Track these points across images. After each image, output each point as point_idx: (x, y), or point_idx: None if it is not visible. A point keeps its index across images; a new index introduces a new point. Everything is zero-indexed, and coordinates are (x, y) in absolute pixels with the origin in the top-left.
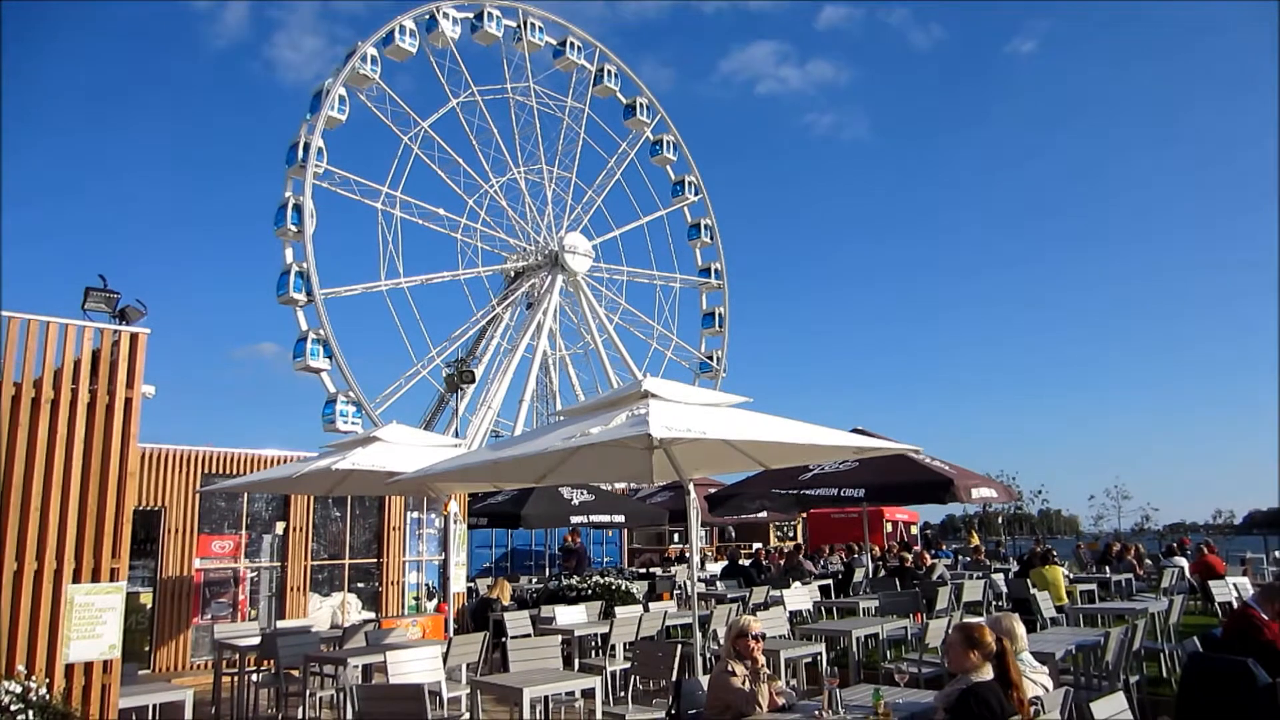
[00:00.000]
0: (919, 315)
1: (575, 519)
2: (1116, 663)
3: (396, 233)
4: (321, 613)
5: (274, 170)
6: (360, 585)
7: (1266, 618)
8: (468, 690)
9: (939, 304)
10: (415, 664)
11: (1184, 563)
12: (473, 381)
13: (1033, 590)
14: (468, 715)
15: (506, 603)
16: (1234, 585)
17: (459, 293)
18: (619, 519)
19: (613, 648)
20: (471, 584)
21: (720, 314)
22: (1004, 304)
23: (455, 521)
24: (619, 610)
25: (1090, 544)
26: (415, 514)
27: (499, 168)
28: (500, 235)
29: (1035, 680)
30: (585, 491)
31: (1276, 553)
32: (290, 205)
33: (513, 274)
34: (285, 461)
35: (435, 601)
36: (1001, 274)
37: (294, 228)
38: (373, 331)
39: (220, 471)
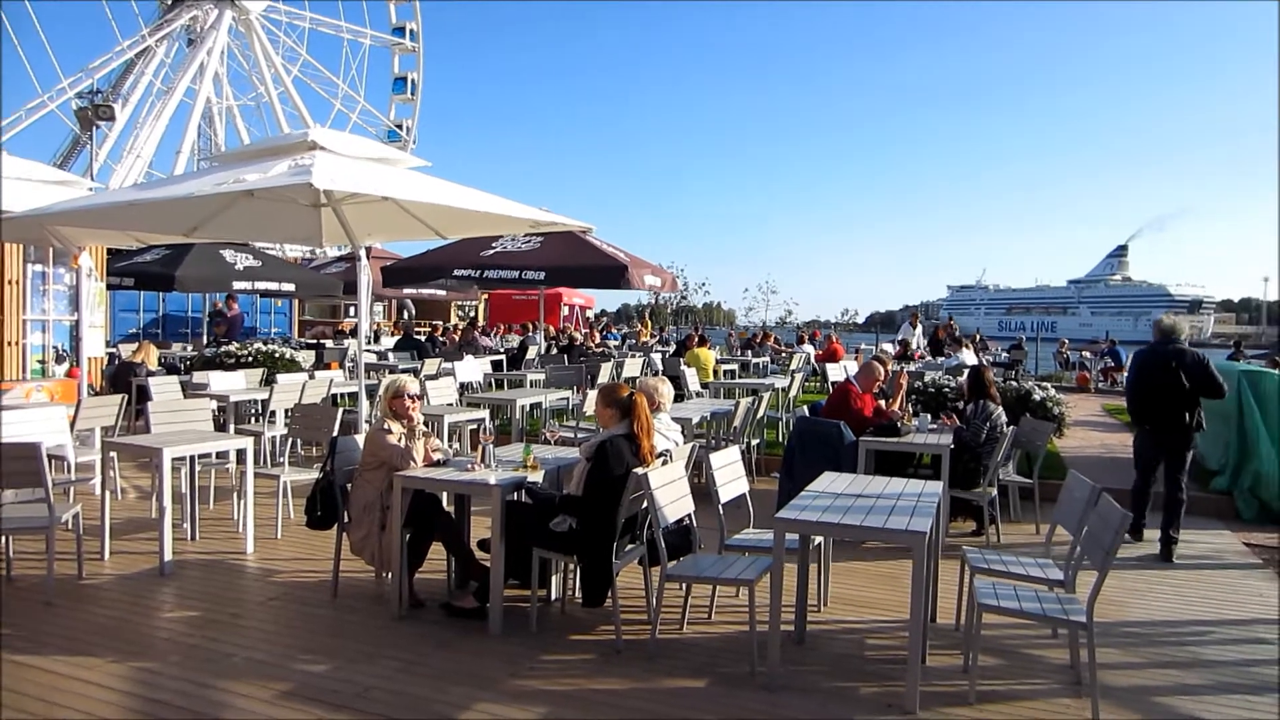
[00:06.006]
0: (618, 99)
1: (239, 285)
2: (742, 427)
3: None
4: None
5: None
6: None
7: (860, 389)
8: (101, 454)
9: (639, 91)
10: (33, 425)
11: (811, 349)
12: (111, 118)
13: (684, 368)
14: (99, 479)
15: (153, 368)
16: (844, 367)
17: (100, 16)
18: (289, 288)
19: (272, 414)
20: (113, 349)
21: (413, 80)
22: (694, 110)
23: (89, 277)
24: (281, 377)
25: (741, 333)
26: (39, 267)
27: None
28: None
29: (668, 436)
30: (251, 256)
31: (884, 345)
32: None
33: (169, 1)
34: None
35: (66, 366)
36: (697, 75)
37: None
38: None
39: None
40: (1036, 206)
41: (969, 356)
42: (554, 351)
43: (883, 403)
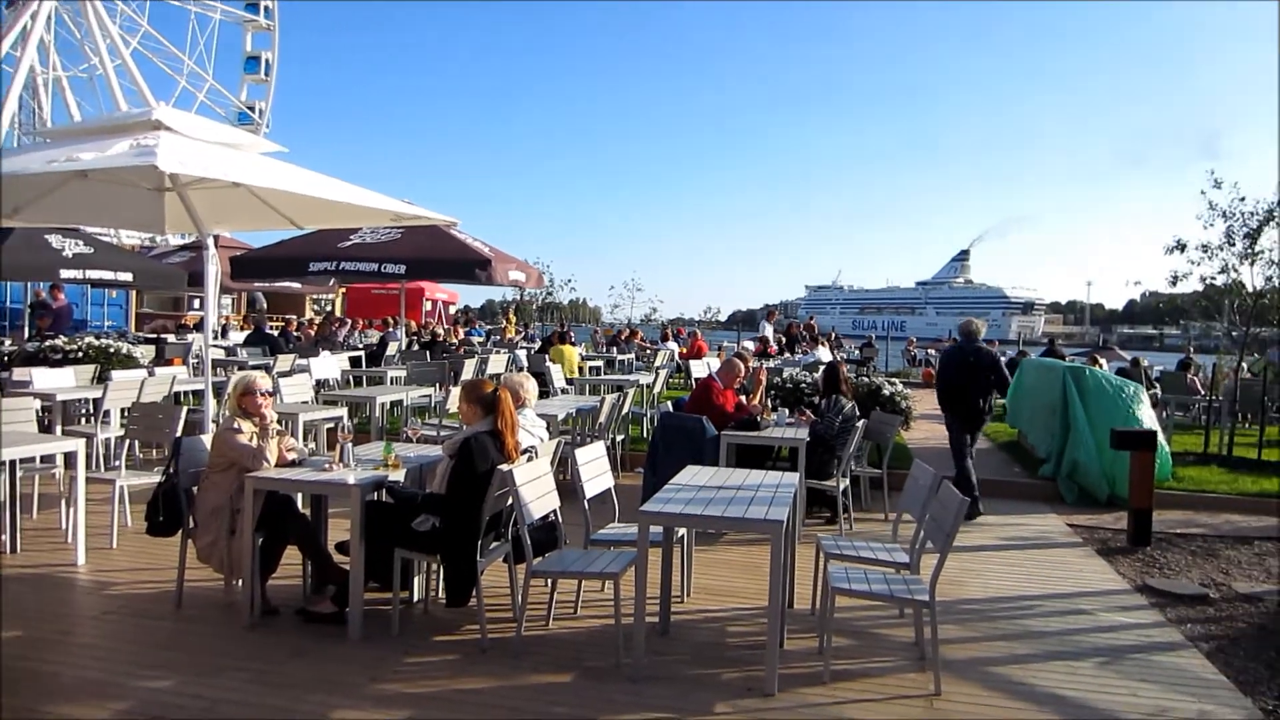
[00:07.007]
0: (488, 94)
1: (67, 273)
2: (607, 423)
3: None
4: None
5: None
6: None
7: (722, 385)
8: None
9: (509, 87)
10: None
11: (675, 346)
12: None
13: (549, 364)
14: None
15: None
16: (707, 364)
17: None
18: (125, 277)
19: (106, 414)
20: None
21: (267, 60)
22: (561, 107)
23: None
24: (116, 374)
25: (607, 330)
26: None
27: None
28: None
29: (532, 432)
30: (82, 242)
31: (744, 341)
32: None
33: None
34: None
35: None
36: (563, 71)
37: None
38: None
39: None
40: (891, 209)
41: (824, 353)
42: (416, 348)
43: (743, 398)
